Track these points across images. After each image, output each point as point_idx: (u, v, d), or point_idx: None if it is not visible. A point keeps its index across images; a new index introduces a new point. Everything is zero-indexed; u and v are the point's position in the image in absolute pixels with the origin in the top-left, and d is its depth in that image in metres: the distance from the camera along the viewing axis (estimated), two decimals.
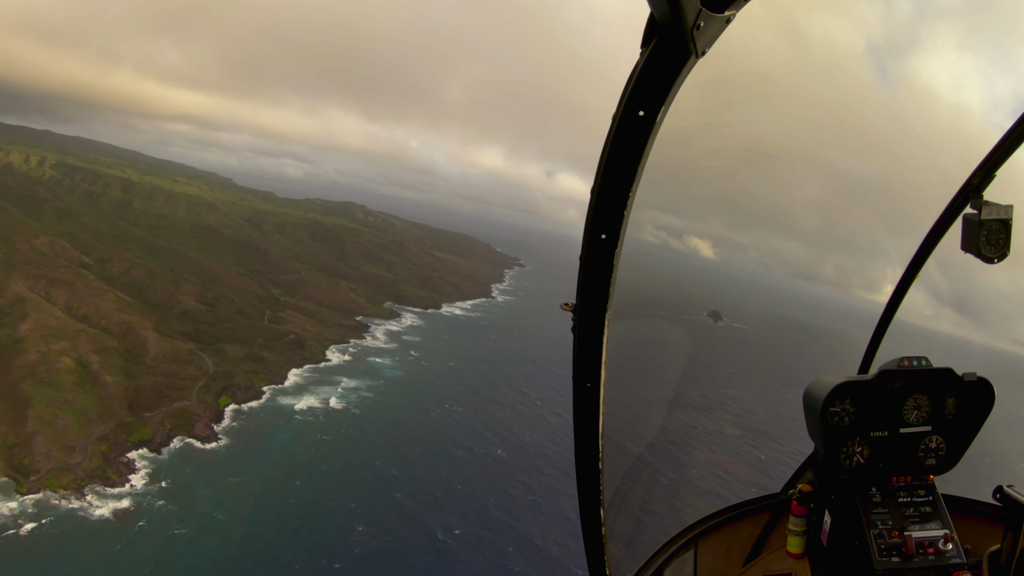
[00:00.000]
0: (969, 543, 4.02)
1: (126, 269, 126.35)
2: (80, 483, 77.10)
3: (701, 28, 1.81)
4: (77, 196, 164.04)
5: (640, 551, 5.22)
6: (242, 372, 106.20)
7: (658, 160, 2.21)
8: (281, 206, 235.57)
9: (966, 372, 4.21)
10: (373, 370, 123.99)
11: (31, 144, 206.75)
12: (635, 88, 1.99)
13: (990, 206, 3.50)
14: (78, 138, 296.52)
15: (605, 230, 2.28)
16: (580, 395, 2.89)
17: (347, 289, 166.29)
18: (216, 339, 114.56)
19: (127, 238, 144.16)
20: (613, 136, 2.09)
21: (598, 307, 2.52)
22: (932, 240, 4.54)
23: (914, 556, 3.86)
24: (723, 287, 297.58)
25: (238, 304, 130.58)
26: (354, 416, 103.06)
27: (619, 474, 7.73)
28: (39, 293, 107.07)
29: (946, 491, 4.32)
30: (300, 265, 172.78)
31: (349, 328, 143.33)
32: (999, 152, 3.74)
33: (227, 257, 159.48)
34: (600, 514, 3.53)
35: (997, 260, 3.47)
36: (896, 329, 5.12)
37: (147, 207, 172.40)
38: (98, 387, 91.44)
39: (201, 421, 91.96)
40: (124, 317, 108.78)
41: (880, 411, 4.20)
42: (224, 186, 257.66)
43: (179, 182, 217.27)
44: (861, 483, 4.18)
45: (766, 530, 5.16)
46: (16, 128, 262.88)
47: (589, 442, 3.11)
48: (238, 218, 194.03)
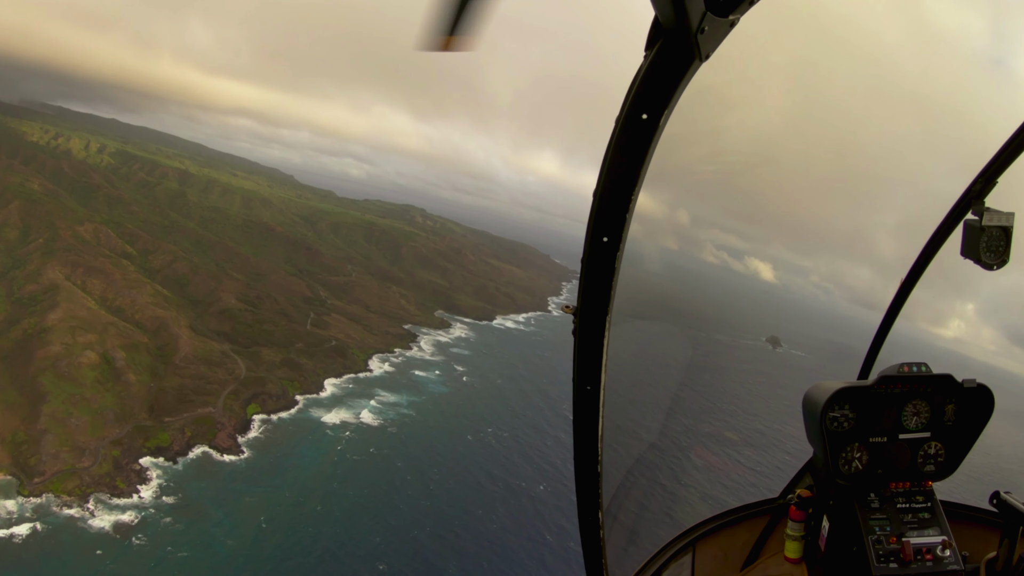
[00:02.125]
0: (967, 549, 3.95)
1: (169, 262, 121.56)
2: (85, 490, 71.40)
3: (706, 32, 1.84)
4: (132, 185, 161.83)
5: (638, 554, 5.22)
6: (275, 379, 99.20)
7: (722, 177, 2.12)
8: (339, 205, 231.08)
9: (966, 378, 4.14)
10: (415, 384, 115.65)
11: (95, 131, 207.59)
12: (639, 91, 2.03)
13: (991, 213, 3.53)
14: (144, 128, 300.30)
15: (607, 233, 2.32)
16: (580, 398, 2.94)
17: (398, 295, 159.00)
18: (253, 341, 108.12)
19: (176, 230, 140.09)
20: (616, 139, 2.13)
21: (599, 310, 2.56)
22: (933, 246, 4.54)
23: (912, 562, 3.80)
24: (781, 311, 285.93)
25: (281, 305, 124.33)
26: (388, 435, 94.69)
27: (618, 477, 7.73)
28: (75, 281, 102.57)
29: (944, 497, 4.28)
30: (351, 267, 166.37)
31: (395, 337, 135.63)
32: (1001, 159, 3.74)
33: (277, 255, 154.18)
34: (599, 517, 3.64)
35: (997, 267, 3.50)
36: (896, 336, 5.14)
37: (201, 199, 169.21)
38: (120, 386, 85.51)
39: (224, 430, 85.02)
40: (159, 312, 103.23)
41: (879, 417, 4.17)
42: (284, 182, 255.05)
43: (238, 176, 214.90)
44: (860, 489, 4.12)
45: (764, 535, 5.14)
46: (83, 115, 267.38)
47: (588, 445, 3.18)
48: (293, 215, 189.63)
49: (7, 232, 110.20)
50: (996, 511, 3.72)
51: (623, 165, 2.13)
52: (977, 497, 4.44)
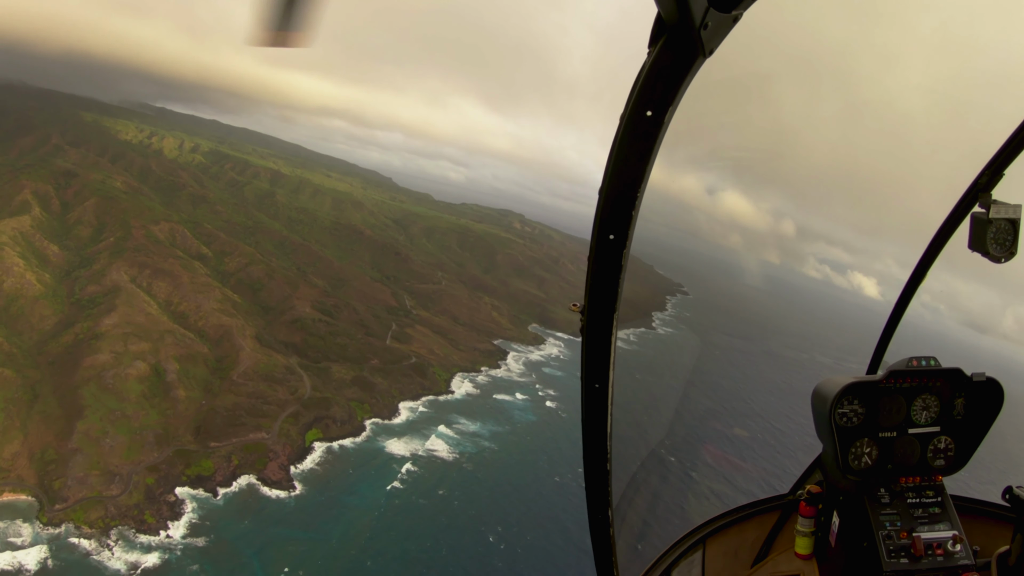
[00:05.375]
0: (978, 544, 3.94)
1: (244, 265, 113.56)
2: (109, 522, 62.80)
3: (709, 27, 1.83)
4: (221, 184, 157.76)
5: (648, 552, 5.23)
6: (343, 400, 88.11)
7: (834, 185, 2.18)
8: (434, 209, 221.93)
9: (975, 372, 4.11)
10: (501, 410, 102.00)
11: (193, 132, 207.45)
12: (643, 88, 2.03)
13: (999, 205, 3.50)
14: (244, 129, 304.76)
15: (614, 231, 2.33)
16: (589, 396, 2.98)
17: (489, 306, 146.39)
18: (323, 355, 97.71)
19: (259, 231, 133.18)
20: (621, 136, 2.15)
21: (607, 308, 2.58)
22: (941, 239, 4.55)
23: (923, 557, 3.79)
24: (875, 331, 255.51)
25: (360, 315, 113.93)
26: (463, 473, 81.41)
27: (627, 475, 7.56)
28: (140, 284, 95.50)
29: (955, 492, 4.25)
30: (442, 274, 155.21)
31: (483, 353, 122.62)
32: (1008, 150, 3.74)
33: (363, 259, 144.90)
34: (608, 515, 3.73)
35: (1004, 260, 3.48)
36: (904, 329, 5.13)
37: (290, 200, 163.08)
38: (166, 402, 76.48)
39: (277, 460, 74.32)
40: (224, 320, 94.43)
41: (889, 411, 4.13)
42: (381, 185, 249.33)
43: (332, 177, 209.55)
44: (870, 484, 4.09)
45: (774, 531, 5.08)
46: (184, 116, 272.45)
47: (598, 443, 3.22)
48: (384, 218, 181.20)
49: (80, 230, 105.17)
50: (1007, 505, 3.61)
51: (629, 163, 2.15)
52: (988, 491, 4.37)
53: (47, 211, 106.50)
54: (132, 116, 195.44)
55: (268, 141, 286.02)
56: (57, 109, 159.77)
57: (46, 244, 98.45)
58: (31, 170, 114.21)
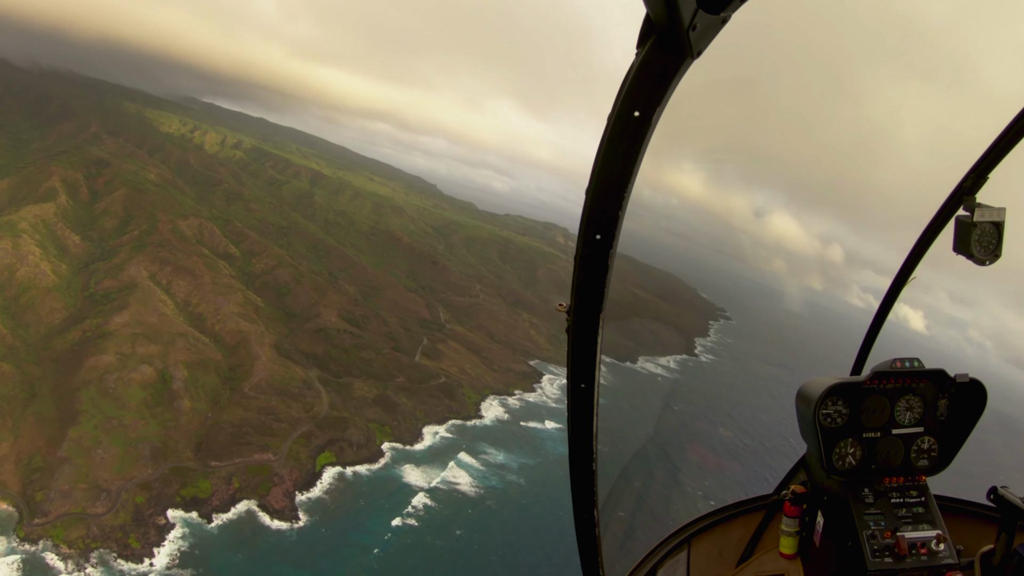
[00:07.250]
0: (962, 543, 3.97)
1: (272, 267, 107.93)
2: (90, 543, 57.00)
3: (697, 29, 1.84)
4: (260, 182, 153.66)
5: (634, 551, 5.19)
6: (362, 421, 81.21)
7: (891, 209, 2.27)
8: (477, 218, 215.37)
9: (958, 373, 4.14)
10: (532, 440, 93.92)
11: (238, 128, 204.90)
12: (630, 89, 2.04)
13: (983, 208, 3.53)
14: (290, 128, 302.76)
15: (600, 231, 2.34)
16: (575, 396, 3.01)
17: (527, 323, 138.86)
18: (346, 370, 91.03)
19: (293, 232, 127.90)
20: (608, 137, 2.15)
21: (593, 308, 2.60)
22: (925, 242, 4.57)
23: (907, 556, 3.80)
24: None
25: (390, 327, 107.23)
26: (484, 512, 73.50)
27: (613, 475, 8.11)
28: (159, 281, 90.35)
29: (938, 492, 4.27)
30: (480, 287, 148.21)
31: (518, 375, 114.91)
32: (992, 154, 3.77)
33: (399, 267, 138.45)
34: (594, 515, 3.69)
35: (988, 263, 3.53)
36: (888, 331, 5.07)
37: (329, 202, 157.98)
38: (169, 413, 70.53)
39: (281, 485, 67.64)
40: (243, 325, 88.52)
41: (873, 412, 4.14)
42: (424, 191, 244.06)
43: (374, 180, 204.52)
44: (854, 484, 4.10)
45: (759, 531, 5.09)
46: (231, 112, 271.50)
47: (583, 443, 3.24)
48: (424, 225, 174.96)
49: (105, 221, 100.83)
50: (990, 505, 3.70)
51: (616, 163, 2.16)
52: (969, 491, 4.47)
53: (74, 199, 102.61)
54: (177, 109, 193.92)
55: (313, 141, 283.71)
56: (101, 98, 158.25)
57: (68, 233, 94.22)
58: (64, 157, 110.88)
